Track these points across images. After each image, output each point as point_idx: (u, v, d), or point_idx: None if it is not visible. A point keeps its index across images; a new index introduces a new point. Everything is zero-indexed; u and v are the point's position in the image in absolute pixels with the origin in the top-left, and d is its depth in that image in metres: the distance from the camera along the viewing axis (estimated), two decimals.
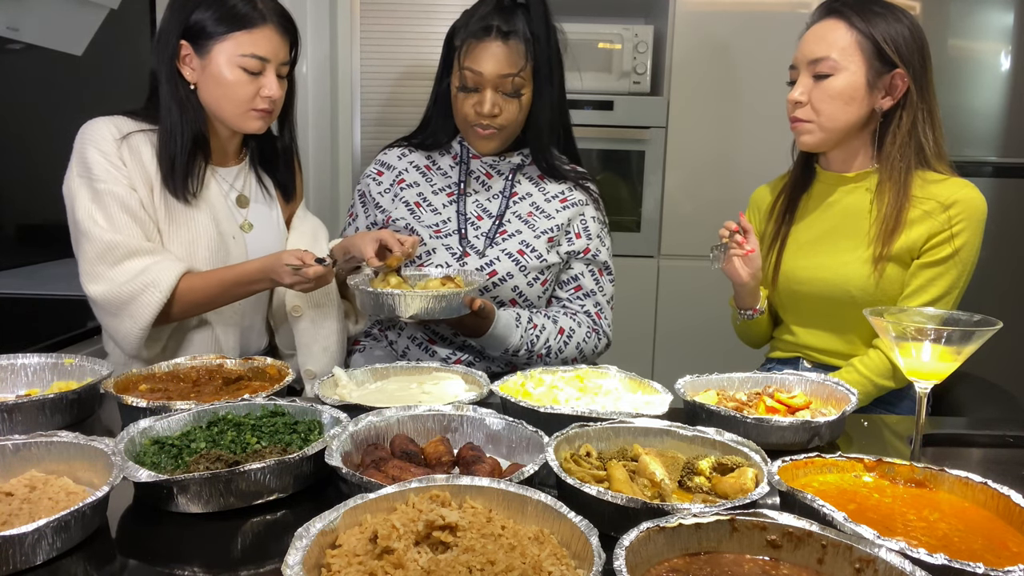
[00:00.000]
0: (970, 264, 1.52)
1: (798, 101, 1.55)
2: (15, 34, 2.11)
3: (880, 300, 1.55)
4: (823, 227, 1.63)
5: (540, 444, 1.00)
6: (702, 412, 1.20)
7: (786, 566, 0.76)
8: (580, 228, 1.72)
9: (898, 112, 1.52)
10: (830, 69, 1.51)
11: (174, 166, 1.48)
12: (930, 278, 1.52)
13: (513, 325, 1.60)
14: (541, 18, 1.58)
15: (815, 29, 1.55)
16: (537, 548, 0.75)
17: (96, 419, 1.25)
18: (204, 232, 1.52)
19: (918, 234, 1.51)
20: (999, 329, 1.03)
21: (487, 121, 1.59)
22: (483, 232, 1.66)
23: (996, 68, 2.75)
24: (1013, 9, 2.71)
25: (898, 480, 0.96)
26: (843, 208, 1.61)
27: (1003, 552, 0.82)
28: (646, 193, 2.97)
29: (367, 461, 0.99)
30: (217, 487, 0.90)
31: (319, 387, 1.24)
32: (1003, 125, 2.77)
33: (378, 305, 1.41)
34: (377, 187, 1.73)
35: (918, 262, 1.53)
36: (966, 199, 1.50)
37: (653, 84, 3.00)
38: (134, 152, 1.47)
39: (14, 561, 0.78)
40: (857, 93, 1.51)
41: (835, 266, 1.58)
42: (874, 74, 1.50)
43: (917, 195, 1.52)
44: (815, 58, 1.52)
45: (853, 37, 1.50)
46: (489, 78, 1.55)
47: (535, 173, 1.74)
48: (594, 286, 1.74)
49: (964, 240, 1.50)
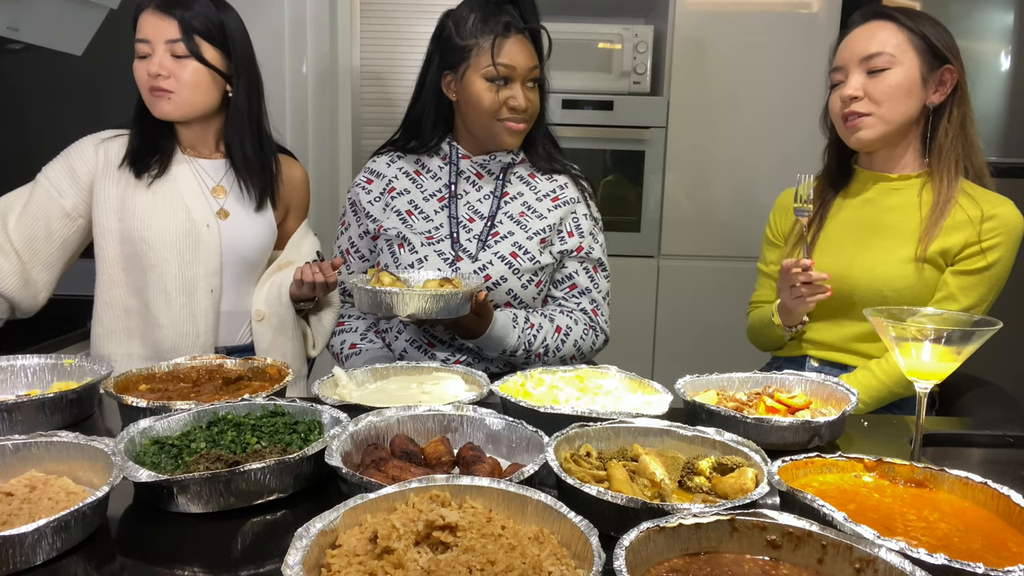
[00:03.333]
0: (1002, 280, 1.53)
1: (854, 96, 1.54)
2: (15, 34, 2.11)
3: (910, 302, 1.53)
4: (859, 226, 1.62)
5: (540, 444, 1.01)
6: (702, 412, 1.20)
7: (786, 566, 0.76)
8: (572, 227, 1.72)
9: (948, 107, 1.54)
10: (886, 63, 1.52)
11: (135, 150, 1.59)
12: (962, 287, 1.52)
13: (510, 325, 1.59)
14: (533, 12, 1.63)
15: (863, 29, 1.57)
16: (537, 548, 0.75)
17: (96, 419, 1.25)
18: (174, 217, 1.56)
19: (955, 240, 1.51)
20: (999, 329, 1.03)
21: (520, 115, 1.62)
22: (475, 235, 1.66)
23: (996, 68, 2.74)
24: (1013, 9, 2.71)
25: (898, 480, 0.96)
26: (883, 208, 1.60)
27: (1003, 552, 0.82)
28: (646, 193, 2.97)
29: (367, 461, 0.99)
30: (217, 487, 0.90)
31: (319, 387, 1.25)
32: (1003, 125, 2.76)
33: (376, 303, 1.40)
34: (367, 196, 1.73)
35: (951, 269, 1.53)
36: (1004, 215, 1.51)
37: (653, 84, 2.99)
38: (111, 152, 1.59)
39: (14, 561, 0.78)
40: (914, 87, 1.52)
41: (871, 265, 1.57)
42: (927, 69, 1.52)
43: (962, 201, 1.53)
44: (869, 54, 1.53)
45: (905, 35, 1.53)
46: (521, 71, 1.59)
47: (525, 172, 1.74)
48: (589, 283, 1.73)
49: (998, 256, 1.51)
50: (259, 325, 1.65)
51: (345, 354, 1.73)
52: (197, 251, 1.57)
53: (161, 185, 1.58)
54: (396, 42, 3.06)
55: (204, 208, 1.60)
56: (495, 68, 1.57)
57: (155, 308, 1.57)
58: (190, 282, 1.58)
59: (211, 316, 1.61)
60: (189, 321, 1.59)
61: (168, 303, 1.57)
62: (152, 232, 1.55)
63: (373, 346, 1.73)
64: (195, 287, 1.58)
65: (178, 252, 1.56)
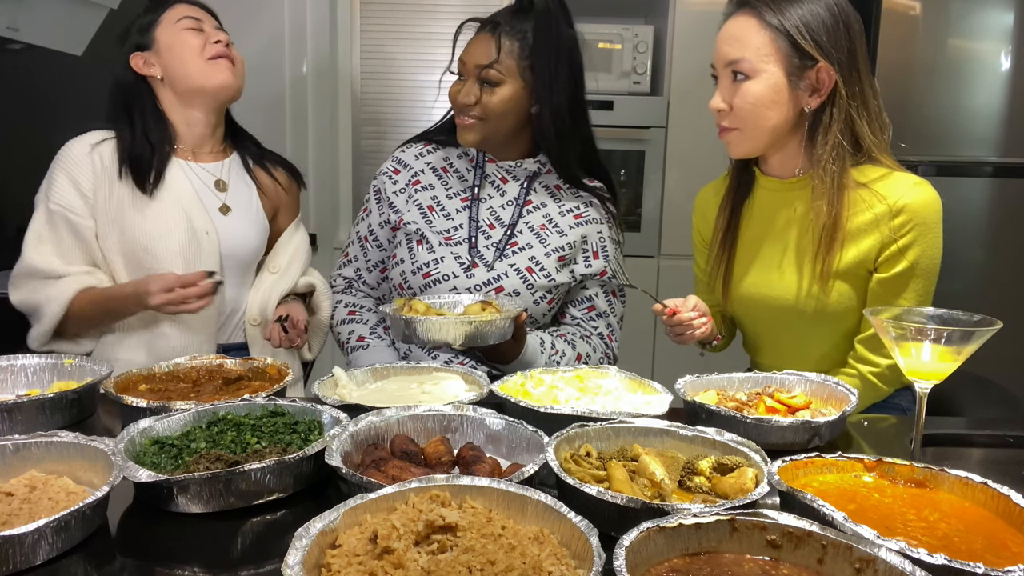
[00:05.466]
0: (934, 270, 1.41)
1: (720, 109, 1.43)
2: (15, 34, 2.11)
3: (834, 316, 1.46)
4: (767, 239, 1.52)
5: (540, 444, 1.00)
6: (702, 412, 1.20)
7: (786, 566, 0.76)
8: (598, 247, 1.70)
9: (827, 110, 1.38)
10: (748, 71, 1.38)
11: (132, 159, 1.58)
12: (894, 293, 1.41)
13: (539, 350, 1.59)
14: (549, 25, 1.57)
15: (728, 27, 1.42)
16: (537, 548, 0.75)
17: (96, 419, 1.25)
18: (174, 227, 1.56)
19: (868, 246, 1.40)
20: (999, 329, 1.03)
21: (464, 112, 1.60)
22: (493, 242, 1.64)
23: (996, 68, 2.74)
24: (1013, 9, 2.71)
25: (898, 480, 0.96)
26: (785, 218, 1.50)
27: (1003, 552, 0.82)
28: (646, 193, 2.97)
29: (367, 461, 0.99)
30: (217, 487, 0.90)
31: (319, 387, 1.25)
32: (1003, 125, 2.76)
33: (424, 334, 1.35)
34: (393, 185, 1.72)
35: (878, 276, 1.42)
36: (913, 205, 1.37)
37: (653, 84, 3.00)
38: (105, 157, 1.58)
39: (14, 561, 0.78)
40: (779, 95, 1.38)
41: (782, 284, 1.49)
42: (795, 71, 1.36)
43: (862, 197, 1.40)
44: (730, 60, 1.40)
45: (767, 35, 1.36)
46: (469, 67, 1.58)
47: (552, 183, 1.72)
48: (607, 307, 1.73)
49: (920, 250, 1.39)
50: (253, 329, 1.66)
51: (352, 345, 1.70)
52: (198, 260, 1.57)
53: (160, 195, 1.57)
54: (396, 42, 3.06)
55: (203, 214, 1.60)
56: (454, 62, 1.62)
57: (158, 317, 1.56)
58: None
59: (212, 324, 1.61)
60: (191, 331, 1.59)
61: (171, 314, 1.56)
62: (154, 243, 1.55)
63: (382, 343, 1.69)
64: None
65: (182, 262, 1.55)
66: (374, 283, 1.78)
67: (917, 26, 2.70)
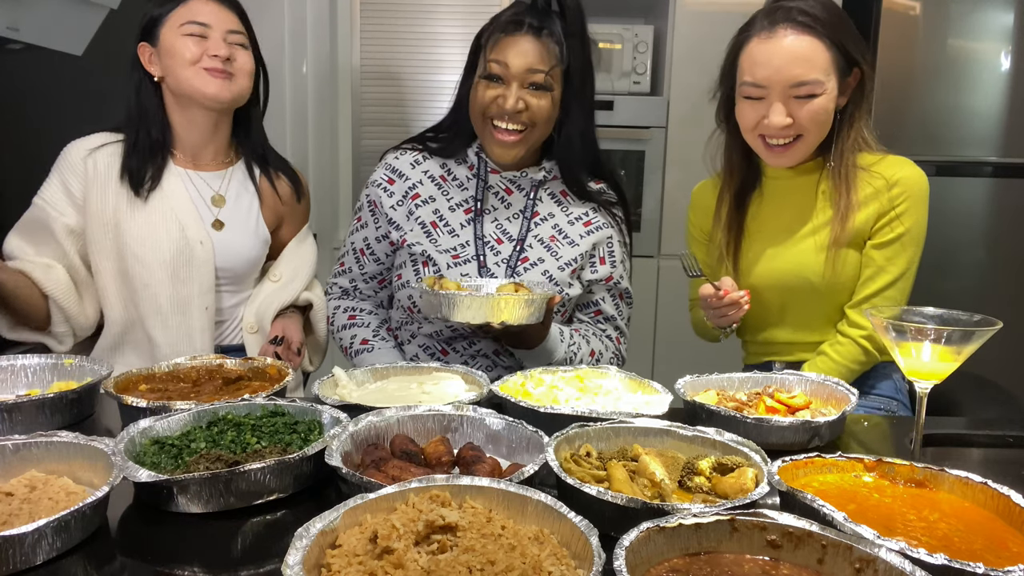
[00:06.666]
0: (921, 239, 1.53)
1: (787, 126, 1.46)
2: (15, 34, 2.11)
3: (839, 286, 1.55)
4: (778, 222, 1.61)
5: (540, 444, 1.00)
6: (702, 412, 1.20)
7: (786, 566, 0.76)
8: (605, 253, 1.66)
9: (849, 108, 1.51)
10: (818, 90, 1.44)
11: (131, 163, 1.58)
12: (888, 258, 1.52)
13: (559, 339, 1.56)
14: (577, 25, 1.52)
15: (791, 50, 1.43)
16: (537, 548, 0.75)
17: (96, 419, 1.25)
18: (166, 235, 1.56)
19: (867, 215, 1.51)
20: (999, 329, 1.03)
21: (508, 120, 1.51)
22: (503, 258, 1.59)
23: (996, 68, 2.74)
24: (1013, 9, 2.71)
25: (898, 480, 0.96)
26: (795, 201, 1.59)
27: (1003, 552, 0.82)
28: (646, 193, 2.97)
29: (367, 461, 0.99)
30: (217, 487, 0.90)
31: (319, 387, 1.24)
32: (1003, 125, 2.76)
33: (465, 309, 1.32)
34: (389, 199, 1.63)
35: (872, 243, 1.53)
36: (907, 178, 1.51)
37: (653, 84, 3.00)
38: (100, 162, 1.58)
39: (14, 561, 0.78)
40: (833, 103, 1.47)
41: (791, 256, 1.57)
42: (842, 77, 1.47)
43: (862, 177, 1.52)
44: (800, 82, 1.43)
45: (831, 54, 1.44)
46: (516, 72, 1.48)
47: (557, 189, 1.66)
48: (614, 311, 1.70)
49: (913, 219, 1.51)
50: (251, 336, 1.66)
51: (355, 349, 1.66)
52: (191, 269, 1.57)
53: (155, 201, 1.57)
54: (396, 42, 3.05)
55: (197, 224, 1.59)
56: (486, 64, 1.51)
57: (150, 327, 1.57)
58: (184, 301, 1.57)
59: (207, 334, 1.61)
60: (185, 340, 1.58)
61: (163, 323, 1.57)
62: (145, 249, 1.55)
63: (386, 344, 1.66)
64: (189, 306, 1.58)
65: (171, 271, 1.56)
66: (371, 292, 1.74)
67: (917, 26, 2.70)
